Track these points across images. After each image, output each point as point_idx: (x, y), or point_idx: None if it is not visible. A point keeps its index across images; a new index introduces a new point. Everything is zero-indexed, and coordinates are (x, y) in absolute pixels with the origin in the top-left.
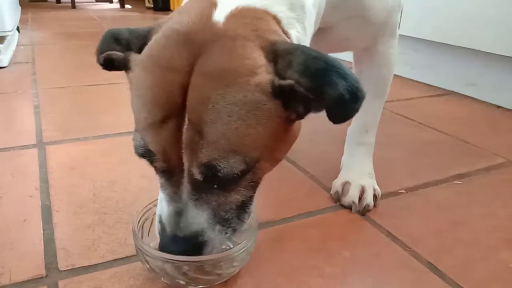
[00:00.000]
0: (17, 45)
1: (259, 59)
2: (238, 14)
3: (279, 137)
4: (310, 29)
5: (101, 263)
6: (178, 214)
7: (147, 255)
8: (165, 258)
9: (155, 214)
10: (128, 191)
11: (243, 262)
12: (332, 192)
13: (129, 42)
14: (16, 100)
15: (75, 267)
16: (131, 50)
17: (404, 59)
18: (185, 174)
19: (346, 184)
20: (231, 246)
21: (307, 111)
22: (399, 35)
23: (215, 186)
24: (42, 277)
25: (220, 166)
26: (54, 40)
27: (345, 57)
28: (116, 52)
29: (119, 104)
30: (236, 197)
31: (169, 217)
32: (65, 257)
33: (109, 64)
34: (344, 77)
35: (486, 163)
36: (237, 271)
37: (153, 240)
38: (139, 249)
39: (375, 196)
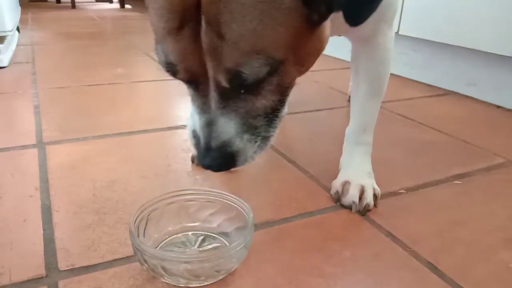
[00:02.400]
0: (17, 45)
1: None
2: None
3: (303, 38)
4: None
5: (101, 263)
6: (210, 124)
7: (145, 254)
8: (164, 256)
9: (150, 214)
10: (128, 191)
11: (241, 258)
12: (332, 192)
13: None
14: (16, 100)
15: (75, 267)
16: None
17: (404, 59)
18: (211, 82)
19: (346, 184)
20: (227, 244)
21: (329, 10)
22: (399, 35)
23: (242, 91)
24: (42, 277)
25: (244, 70)
26: (54, 40)
27: (344, 56)
28: None
29: (119, 104)
30: (264, 103)
31: (202, 128)
32: (65, 257)
33: None
34: None
35: (486, 163)
36: (235, 267)
37: (150, 240)
38: (137, 248)
39: (375, 196)
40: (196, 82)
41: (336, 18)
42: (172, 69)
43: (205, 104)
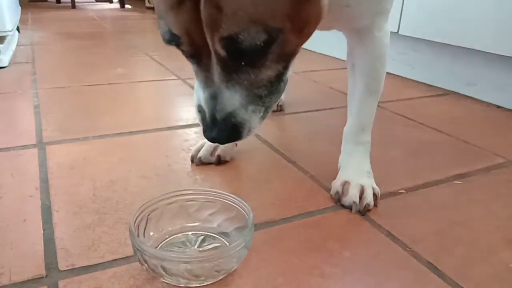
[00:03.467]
0: (17, 45)
1: None
2: None
3: (301, 5)
4: None
5: (101, 263)
6: (214, 97)
7: (145, 254)
8: (164, 256)
9: (150, 214)
10: (128, 191)
11: (241, 258)
12: (332, 192)
13: None
14: (16, 100)
15: (75, 267)
16: None
17: (404, 59)
18: (213, 54)
19: (345, 184)
20: (227, 244)
21: None
22: (399, 35)
23: (243, 63)
24: (42, 277)
25: (240, 37)
26: (54, 40)
27: (343, 56)
28: None
29: (119, 104)
30: (267, 73)
31: (206, 102)
32: (65, 257)
33: None
34: None
35: (486, 163)
36: (235, 267)
37: (150, 239)
38: (137, 248)
39: (374, 195)
40: (199, 55)
41: (332, 10)
42: (175, 40)
43: (208, 78)
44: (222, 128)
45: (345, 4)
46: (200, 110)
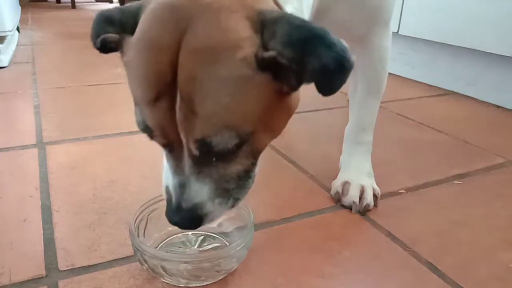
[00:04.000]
0: (17, 45)
1: (244, 31)
2: None
3: (273, 109)
4: (308, 9)
5: (101, 263)
6: (182, 186)
7: (145, 254)
8: (164, 256)
9: (150, 213)
10: (128, 191)
11: (241, 258)
12: (333, 192)
13: (122, 22)
14: (16, 100)
15: (75, 267)
16: (125, 29)
17: (404, 59)
18: (185, 149)
19: (346, 184)
20: (227, 244)
21: (299, 82)
22: (399, 35)
23: (214, 159)
24: (42, 277)
25: (213, 141)
26: (54, 40)
27: None
28: (111, 35)
29: (119, 104)
30: (236, 167)
31: (174, 188)
32: (65, 257)
33: (105, 47)
34: (330, 46)
35: (486, 163)
36: (235, 267)
37: (150, 239)
38: (137, 248)
39: (375, 196)
40: (171, 147)
41: (326, 20)
42: (148, 132)
43: (178, 167)
44: (185, 216)
45: (341, 22)
46: (167, 191)
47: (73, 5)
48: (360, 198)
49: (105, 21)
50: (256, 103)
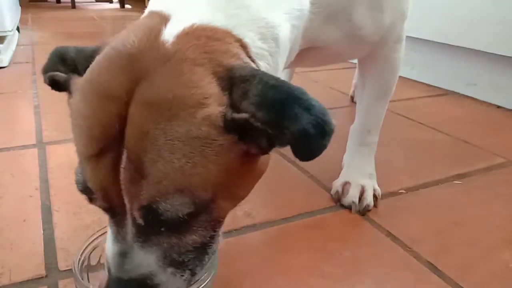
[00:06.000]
0: (17, 45)
1: (209, 87)
2: (192, 33)
3: (238, 174)
4: (282, 65)
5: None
6: (122, 255)
7: None
8: None
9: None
10: None
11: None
12: (333, 192)
13: (76, 63)
14: (16, 100)
15: None
16: (78, 71)
17: (404, 59)
18: (128, 215)
19: (346, 184)
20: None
21: (271, 145)
22: None
23: (162, 229)
24: (42, 277)
25: (161, 208)
26: (54, 40)
27: None
28: (59, 74)
29: None
30: (192, 238)
31: (112, 258)
32: (65, 257)
33: (54, 85)
34: (308, 108)
35: (486, 163)
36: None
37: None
38: None
39: (375, 196)
40: (113, 212)
41: (318, 53)
42: (88, 194)
43: (119, 234)
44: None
45: (337, 54)
46: (107, 261)
47: (73, 5)
48: (360, 199)
49: (58, 58)
50: (218, 166)
